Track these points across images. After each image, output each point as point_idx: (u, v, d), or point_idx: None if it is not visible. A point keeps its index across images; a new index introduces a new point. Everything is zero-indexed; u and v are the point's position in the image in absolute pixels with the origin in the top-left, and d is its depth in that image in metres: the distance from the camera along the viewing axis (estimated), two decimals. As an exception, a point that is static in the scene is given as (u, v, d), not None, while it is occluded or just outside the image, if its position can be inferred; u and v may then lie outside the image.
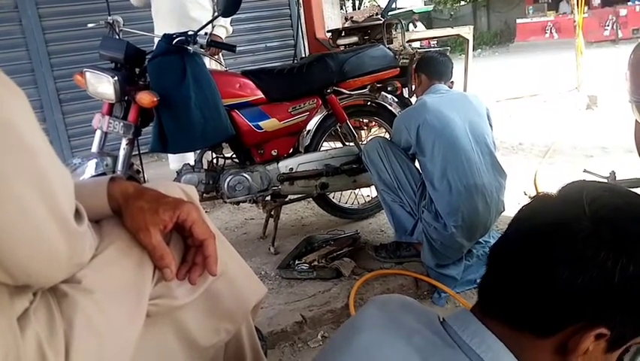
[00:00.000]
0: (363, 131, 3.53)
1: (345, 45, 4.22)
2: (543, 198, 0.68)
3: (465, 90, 6.53)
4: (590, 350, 0.61)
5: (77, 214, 0.69)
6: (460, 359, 0.63)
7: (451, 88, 2.36)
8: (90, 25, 2.98)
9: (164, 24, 3.20)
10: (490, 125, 2.30)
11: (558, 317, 0.61)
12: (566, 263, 0.59)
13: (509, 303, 0.65)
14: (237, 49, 2.49)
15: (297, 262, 2.38)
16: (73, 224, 0.67)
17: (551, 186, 0.69)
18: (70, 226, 0.66)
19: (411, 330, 0.68)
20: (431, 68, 2.35)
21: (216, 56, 3.18)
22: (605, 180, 1.83)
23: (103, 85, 2.29)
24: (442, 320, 0.70)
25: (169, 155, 3.50)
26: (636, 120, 1.51)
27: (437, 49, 3.77)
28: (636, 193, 0.66)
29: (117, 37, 2.70)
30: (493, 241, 1.62)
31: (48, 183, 0.62)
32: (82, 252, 0.72)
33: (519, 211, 0.68)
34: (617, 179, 1.80)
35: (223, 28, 3.30)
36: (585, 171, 1.94)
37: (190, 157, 3.12)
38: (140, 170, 2.55)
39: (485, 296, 0.68)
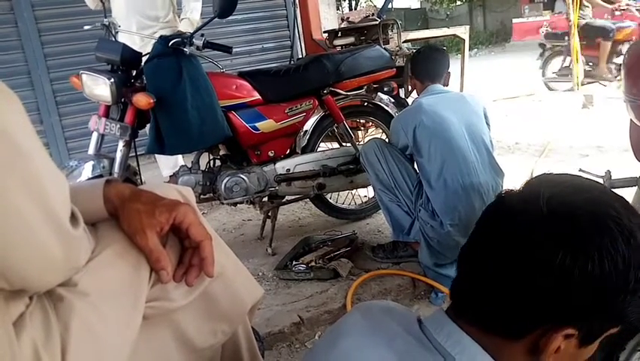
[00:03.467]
0: (360, 132, 3.53)
1: (341, 46, 4.22)
2: (505, 197, 0.67)
3: (461, 90, 6.55)
4: (563, 348, 0.61)
5: (73, 218, 0.69)
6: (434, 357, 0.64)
7: (448, 79, 2.36)
8: (86, 27, 2.98)
9: (123, 23, 3.20)
10: (488, 125, 2.31)
11: (524, 320, 0.61)
12: (526, 265, 0.59)
13: (478, 306, 0.65)
14: (234, 50, 2.49)
15: (294, 262, 2.38)
16: (68, 228, 0.67)
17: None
18: (65, 229, 0.66)
19: (392, 334, 0.68)
20: (422, 71, 2.34)
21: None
22: (600, 180, 1.83)
23: (99, 87, 2.29)
24: (420, 321, 0.71)
25: (160, 163, 3.51)
26: (631, 119, 1.52)
27: (429, 44, 3.75)
28: (600, 186, 0.65)
29: (113, 39, 2.70)
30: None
31: (42, 187, 0.62)
32: (78, 255, 0.72)
33: (484, 212, 0.68)
34: (612, 178, 1.80)
35: (187, 21, 3.29)
36: (580, 170, 1.94)
37: (181, 162, 3.12)
38: (137, 172, 2.54)
39: (456, 299, 0.69)
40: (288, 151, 2.72)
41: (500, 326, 0.63)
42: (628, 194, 1.83)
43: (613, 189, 1.75)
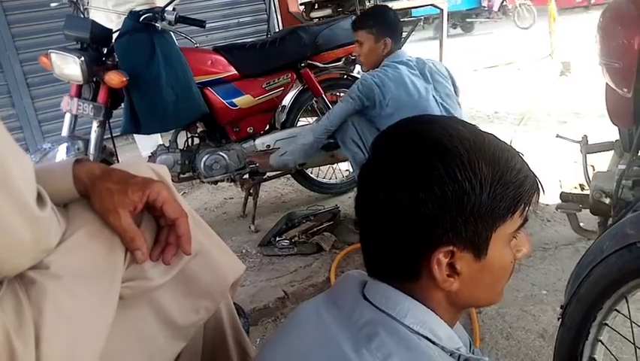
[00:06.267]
0: (339, 106, 3.50)
1: (318, 18, 4.16)
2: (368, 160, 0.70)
3: (441, 60, 6.53)
4: (462, 268, 0.63)
5: (40, 199, 0.67)
6: (368, 309, 0.66)
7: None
8: (53, 4, 2.88)
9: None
10: (455, 88, 2.29)
11: (406, 255, 0.64)
12: (387, 198, 0.63)
13: (376, 260, 0.68)
14: (209, 25, 2.44)
15: (277, 238, 2.38)
16: (35, 209, 0.64)
17: (526, 154, 0.69)
18: (31, 211, 0.64)
19: (341, 296, 0.72)
20: (395, 32, 2.25)
21: None
22: (578, 145, 1.85)
23: (69, 66, 2.22)
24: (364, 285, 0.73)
25: (139, 143, 3.45)
26: (606, 83, 1.52)
27: (381, 4, 3.64)
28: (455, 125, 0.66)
29: (82, 15, 2.62)
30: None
31: (4, 169, 0.59)
32: (47, 237, 0.69)
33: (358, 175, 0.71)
34: (589, 143, 1.82)
35: None
36: (558, 136, 1.96)
37: (161, 142, 3.06)
38: (114, 153, 2.50)
39: (366, 263, 0.71)
40: (267, 127, 2.69)
41: (399, 271, 0.66)
42: (605, 158, 1.86)
43: (588, 154, 1.77)
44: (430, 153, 0.61)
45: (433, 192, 0.60)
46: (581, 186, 2.25)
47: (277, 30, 5.04)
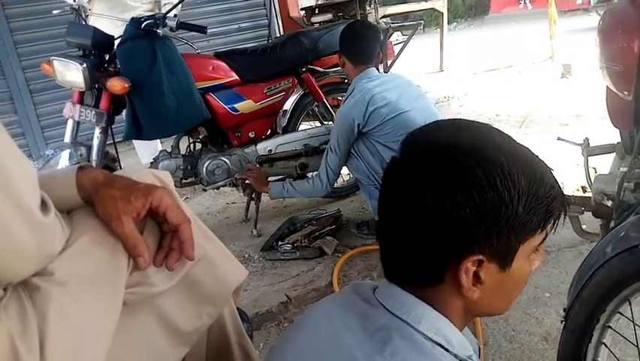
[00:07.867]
0: (341, 110, 3.51)
1: (319, 22, 4.17)
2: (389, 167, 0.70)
3: (441, 65, 6.54)
4: (486, 277, 0.63)
5: (43, 205, 0.67)
6: (381, 314, 0.66)
7: (379, 60, 2.28)
8: (55, 11, 2.90)
9: (102, 7, 3.10)
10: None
11: (433, 259, 0.63)
12: (417, 204, 0.62)
13: (397, 264, 0.68)
14: (209, 30, 2.45)
15: (280, 243, 2.38)
16: (38, 215, 0.65)
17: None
18: (35, 217, 0.64)
19: (353, 301, 0.72)
20: (356, 53, 2.22)
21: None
22: (579, 148, 1.85)
23: (72, 73, 2.23)
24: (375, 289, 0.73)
25: (139, 150, 3.46)
26: (607, 86, 1.53)
27: (360, 20, 3.61)
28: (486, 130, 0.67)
29: (84, 22, 2.63)
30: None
31: (7, 176, 0.60)
32: (51, 243, 0.70)
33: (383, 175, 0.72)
34: (590, 145, 1.82)
35: (170, 5, 3.17)
36: (559, 139, 1.96)
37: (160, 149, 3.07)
38: (116, 159, 2.51)
39: (384, 266, 0.71)
40: (268, 132, 2.70)
41: (420, 275, 0.65)
42: (607, 161, 1.86)
43: (590, 157, 1.76)
44: (472, 159, 0.60)
45: (472, 197, 0.59)
46: (583, 189, 2.25)
47: (278, 35, 5.06)
